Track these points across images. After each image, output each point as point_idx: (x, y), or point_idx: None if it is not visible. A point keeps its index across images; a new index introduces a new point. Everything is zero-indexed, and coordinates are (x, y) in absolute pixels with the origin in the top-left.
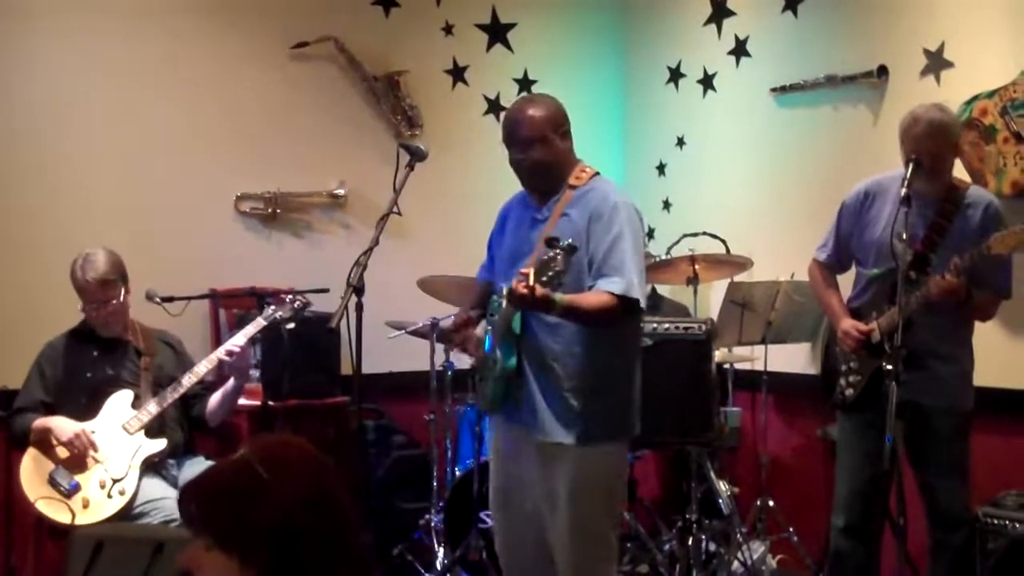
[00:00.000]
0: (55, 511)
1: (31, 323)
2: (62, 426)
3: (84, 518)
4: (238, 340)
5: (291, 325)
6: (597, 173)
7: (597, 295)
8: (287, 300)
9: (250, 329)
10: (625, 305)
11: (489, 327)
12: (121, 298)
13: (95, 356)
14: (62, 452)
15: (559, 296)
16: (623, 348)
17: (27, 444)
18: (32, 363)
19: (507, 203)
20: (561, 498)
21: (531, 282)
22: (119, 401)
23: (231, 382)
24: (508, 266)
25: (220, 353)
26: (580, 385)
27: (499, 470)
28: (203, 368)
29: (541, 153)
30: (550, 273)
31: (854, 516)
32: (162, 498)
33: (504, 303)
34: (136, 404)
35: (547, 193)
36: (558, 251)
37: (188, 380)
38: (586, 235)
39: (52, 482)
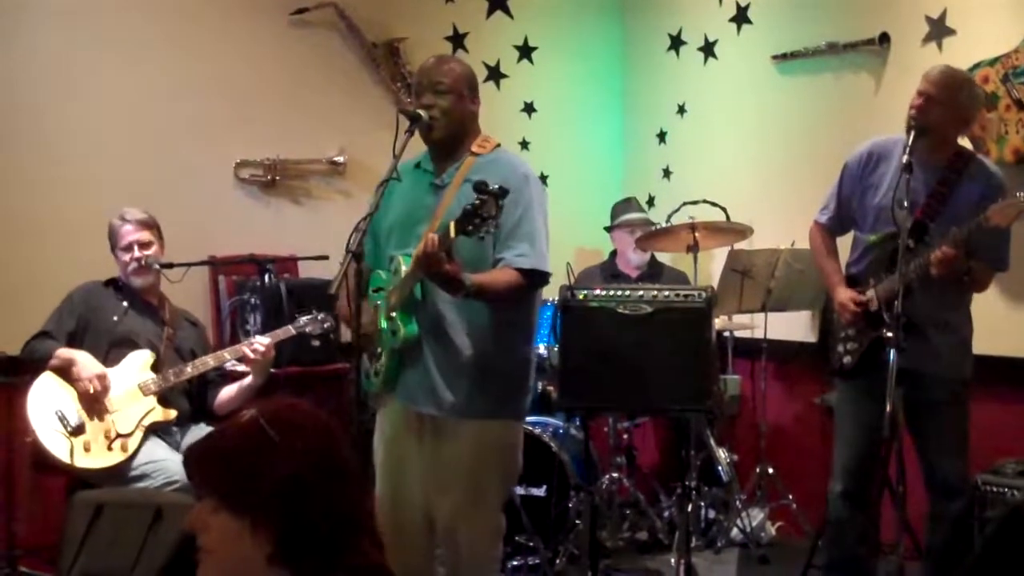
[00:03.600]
0: (55, 445)
1: (31, 292)
2: (85, 363)
3: (81, 461)
4: (264, 339)
5: (317, 343)
6: (499, 144)
7: (506, 273)
8: (319, 318)
9: (279, 333)
10: (534, 279)
11: (376, 301)
12: (156, 253)
13: (125, 307)
14: (78, 387)
15: (468, 276)
16: (523, 319)
17: (43, 368)
18: (65, 296)
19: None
20: (456, 474)
21: (452, 234)
22: (139, 360)
23: (249, 379)
24: (402, 233)
25: (245, 348)
26: (480, 357)
27: (388, 453)
28: (227, 355)
29: (452, 103)
30: (477, 220)
31: (852, 483)
32: (164, 459)
33: (402, 269)
34: (155, 367)
35: (447, 156)
36: (486, 196)
37: (210, 361)
38: None
39: (59, 416)
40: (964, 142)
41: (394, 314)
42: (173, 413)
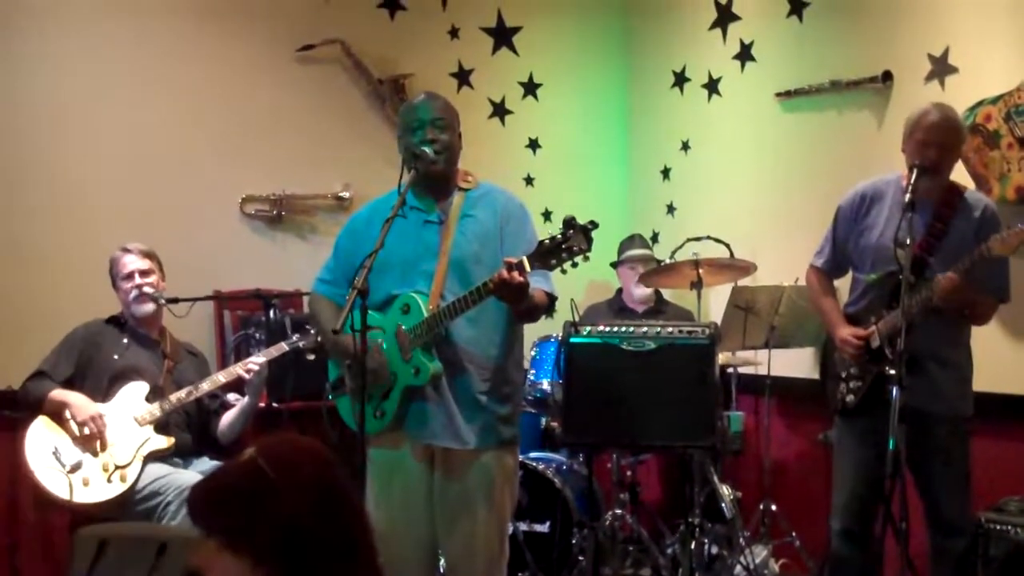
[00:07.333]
0: (53, 484)
1: (34, 324)
2: (80, 404)
3: (82, 496)
4: (259, 359)
5: (311, 356)
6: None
7: (538, 292)
8: (311, 332)
9: (272, 351)
10: (550, 303)
11: (381, 340)
12: (157, 283)
13: (125, 343)
14: (73, 429)
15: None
16: (519, 349)
17: (39, 411)
18: (67, 334)
19: (363, 212)
20: (473, 504)
21: (527, 268)
22: (134, 391)
23: (245, 400)
24: (405, 270)
25: (240, 368)
26: (493, 388)
27: (385, 491)
28: (222, 378)
29: (452, 138)
30: (563, 254)
31: (852, 520)
32: (169, 474)
33: (422, 308)
34: (151, 399)
35: (437, 192)
36: (574, 229)
37: (205, 385)
38: (499, 234)
39: (56, 455)
40: (966, 180)
41: (411, 350)
42: (171, 440)
